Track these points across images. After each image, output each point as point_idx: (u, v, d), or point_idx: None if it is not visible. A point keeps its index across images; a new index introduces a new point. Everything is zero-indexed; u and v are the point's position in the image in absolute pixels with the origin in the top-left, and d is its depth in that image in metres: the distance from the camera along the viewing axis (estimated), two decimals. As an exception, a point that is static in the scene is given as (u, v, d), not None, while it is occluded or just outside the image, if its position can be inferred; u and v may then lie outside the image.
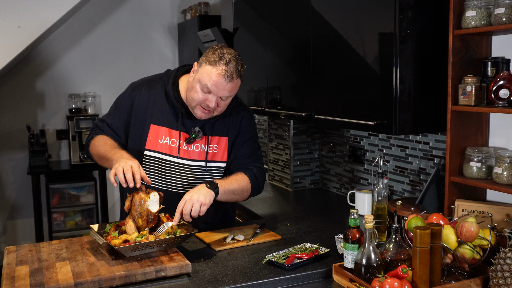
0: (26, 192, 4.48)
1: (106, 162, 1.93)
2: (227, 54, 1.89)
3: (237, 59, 1.91)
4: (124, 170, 1.74)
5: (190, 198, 1.83)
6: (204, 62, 1.92)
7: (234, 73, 1.89)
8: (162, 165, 2.05)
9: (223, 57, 1.88)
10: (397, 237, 1.66)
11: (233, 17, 3.43)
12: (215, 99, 1.92)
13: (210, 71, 1.88)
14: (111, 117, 2.10)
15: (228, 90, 1.91)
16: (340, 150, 3.03)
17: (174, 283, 1.67)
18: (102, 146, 1.97)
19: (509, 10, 1.71)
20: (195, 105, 1.97)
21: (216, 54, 1.89)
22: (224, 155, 2.11)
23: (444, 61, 1.95)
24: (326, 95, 2.43)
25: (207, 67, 1.90)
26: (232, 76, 1.89)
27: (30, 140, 4.21)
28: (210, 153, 2.08)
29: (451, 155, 1.94)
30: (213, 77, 1.88)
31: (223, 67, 1.87)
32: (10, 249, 1.89)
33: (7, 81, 4.33)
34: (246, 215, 2.77)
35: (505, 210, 1.84)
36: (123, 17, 4.70)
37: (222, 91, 1.90)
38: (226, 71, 1.87)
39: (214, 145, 2.09)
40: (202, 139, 2.06)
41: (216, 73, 1.87)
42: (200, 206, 1.82)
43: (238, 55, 1.94)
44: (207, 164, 2.07)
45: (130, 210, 1.84)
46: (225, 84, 1.89)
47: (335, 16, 2.31)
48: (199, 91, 1.92)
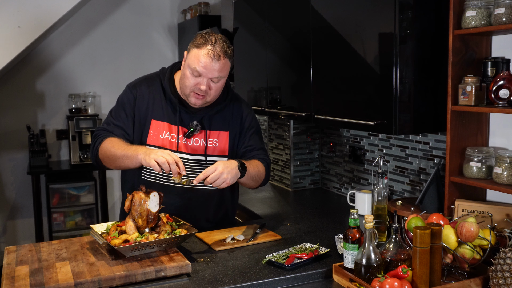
0: (26, 192, 4.48)
1: (127, 160, 1.92)
2: (213, 37, 1.95)
3: (224, 41, 1.97)
4: (169, 160, 1.79)
5: (220, 172, 1.85)
6: (192, 47, 1.98)
7: (221, 53, 1.93)
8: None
9: (209, 39, 1.94)
10: (397, 237, 1.66)
11: (233, 17, 3.43)
12: (206, 81, 1.96)
13: (198, 53, 1.93)
14: (117, 117, 2.09)
15: (217, 70, 1.94)
16: (340, 150, 3.03)
17: (174, 283, 1.67)
18: (117, 147, 1.95)
19: (509, 10, 1.71)
20: (188, 93, 2.00)
21: (203, 38, 1.95)
22: (225, 149, 2.12)
23: (444, 61, 1.95)
24: (326, 95, 2.43)
25: (194, 51, 1.95)
26: (219, 55, 1.93)
27: (30, 140, 4.21)
28: (210, 147, 2.10)
29: (451, 155, 1.94)
30: (200, 58, 1.92)
31: (209, 47, 1.92)
32: (10, 249, 1.89)
33: (7, 81, 4.33)
34: (246, 215, 2.77)
35: (505, 210, 1.84)
36: (123, 17, 4.70)
37: (212, 71, 1.93)
38: (212, 51, 1.92)
39: (214, 139, 2.11)
40: (201, 133, 2.08)
41: (203, 54, 1.92)
42: (222, 183, 1.86)
43: (225, 38, 2.00)
44: (207, 158, 2.08)
45: (130, 210, 1.84)
46: (213, 64, 1.92)
47: (335, 16, 2.32)
48: (190, 76, 1.96)
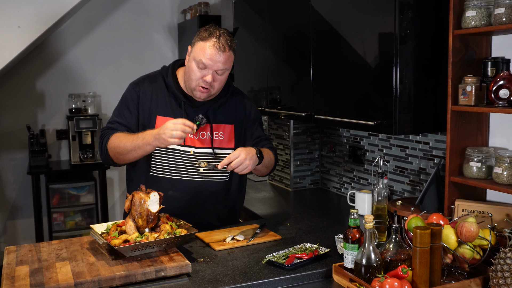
0: (26, 192, 4.48)
1: (139, 150, 1.95)
2: (217, 30, 2.00)
3: (228, 34, 2.01)
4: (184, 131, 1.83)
5: (243, 158, 1.90)
6: (196, 40, 2.01)
7: (225, 45, 1.97)
8: (172, 155, 2.09)
9: (213, 32, 1.98)
10: (397, 237, 1.66)
11: (233, 17, 3.43)
12: (211, 73, 1.98)
13: (203, 46, 1.97)
14: (121, 115, 2.11)
15: (222, 62, 1.97)
16: (340, 150, 3.03)
17: (174, 283, 1.67)
18: (124, 140, 1.98)
19: (509, 10, 1.71)
20: (194, 86, 2.02)
21: (208, 31, 1.99)
22: (231, 142, 2.15)
23: (444, 61, 1.95)
24: (326, 95, 2.43)
25: (199, 43, 1.99)
26: (224, 47, 1.96)
27: (30, 140, 4.21)
28: (216, 140, 2.13)
29: (451, 155, 1.94)
30: (206, 50, 1.96)
31: (214, 39, 1.96)
32: (10, 249, 1.89)
33: (7, 81, 4.33)
34: (246, 215, 2.77)
35: (505, 210, 1.84)
36: (123, 17, 4.70)
37: (217, 63, 1.97)
38: (217, 43, 1.96)
39: (220, 132, 2.14)
40: (207, 127, 2.11)
41: (208, 46, 1.96)
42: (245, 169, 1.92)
43: (228, 32, 2.03)
44: (214, 150, 2.11)
45: (130, 210, 1.84)
46: (218, 56, 1.96)
47: (335, 16, 2.32)
48: (195, 68, 1.99)
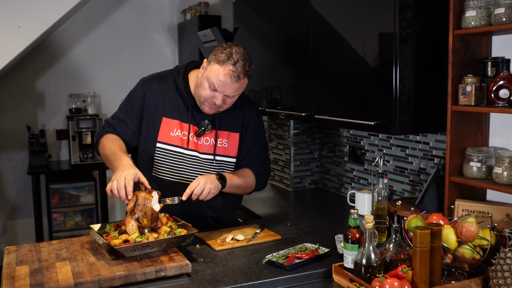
0: (26, 192, 4.48)
1: (109, 164, 2.00)
2: (235, 54, 1.92)
3: (245, 58, 1.95)
4: (117, 187, 1.78)
5: (203, 183, 1.93)
6: (213, 60, 1.95)
7: (241, 73, 1.92)
8: (174, 157, 2.10)
9: (231, 56, 1.92)
10: (397, 237, 1.66)
11: (233, 17, 3.43)
12: (222, 97, 1.97)
13: (218, 70, 1.92)
14: (123, 112, 2.15)
15: (234, 89, 1.96)
16: (340, 150, 3.03)
17: (174, 283, 1.67)
18: (107, 147, 2.02)
19: (509, 10, 1.71)
20: (202, 101, 2.02)
21: (225, 54, 1.92)
22: (234, 150, 2.15)
23: (444, 61, 1.95)
24: (326, 95, 2.43)
25: (215, 66, 1.93)
26: (239, 76, 1.92)
27: (30, 140, 4.20)
28: (219, 147, 2.12)
29: (451, 155, 1.94)
30: (220, 76, 1.92)
31: (230, 67, 1.91)
32: (10, 249, 1.89)
33: (7, 81, 4.33)
34: (246, 215, 2.77)
35: (505, 210, 1.84)
36: (123, 17, 4.70)
37: (229, 90, 1.95)
38: (233, 71, 1.91)
39: (224, 139, 2.13)
40: (212, 133, 2.11)
41: (223, 73, 1.91)
42: (208, 193, 1.93)
43: (247, 54, 1.97)
44: (215, 157, 2.10)
45: (132, 210, 1.84)
46: (231, 84, 1.93)
47: (335, 16, 2.31)
48: (207, 88, 1.97)
